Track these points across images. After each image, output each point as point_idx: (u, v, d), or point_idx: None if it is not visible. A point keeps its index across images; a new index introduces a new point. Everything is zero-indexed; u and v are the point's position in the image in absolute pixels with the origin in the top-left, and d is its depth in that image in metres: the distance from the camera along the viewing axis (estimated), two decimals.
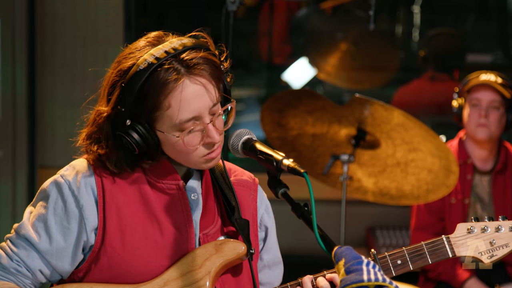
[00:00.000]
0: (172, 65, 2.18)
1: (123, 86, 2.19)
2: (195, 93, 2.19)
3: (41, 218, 2.27)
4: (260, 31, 6.89)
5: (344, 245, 2.02)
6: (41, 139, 5.64)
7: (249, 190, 2.44)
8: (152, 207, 2.28)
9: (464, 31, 6.98)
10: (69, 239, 2.25)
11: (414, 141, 3.93)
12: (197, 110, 2.20)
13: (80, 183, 2.26)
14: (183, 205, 2.30)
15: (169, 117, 2.19)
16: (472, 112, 4.33)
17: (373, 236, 5.63)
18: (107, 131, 2.24)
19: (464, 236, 2.45)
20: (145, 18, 6.64)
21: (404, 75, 6.62)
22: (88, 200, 2.25)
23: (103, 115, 2.23)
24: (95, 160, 2.29)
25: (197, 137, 2.22)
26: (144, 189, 2.28)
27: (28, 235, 2.26)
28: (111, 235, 2.25)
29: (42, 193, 2.31)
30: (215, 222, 2.35)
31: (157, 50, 2.19)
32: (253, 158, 2.21)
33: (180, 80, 2.17)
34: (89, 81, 5.51)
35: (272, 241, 2.52)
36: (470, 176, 4.41)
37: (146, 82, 2.17)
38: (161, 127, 2.21)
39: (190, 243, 2.29)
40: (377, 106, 3.86)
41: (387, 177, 4.07)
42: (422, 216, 4.42)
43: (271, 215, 2.51)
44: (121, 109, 2.19)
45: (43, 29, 5.59)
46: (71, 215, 2.25)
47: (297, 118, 4.05)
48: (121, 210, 2.26)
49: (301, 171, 2.08)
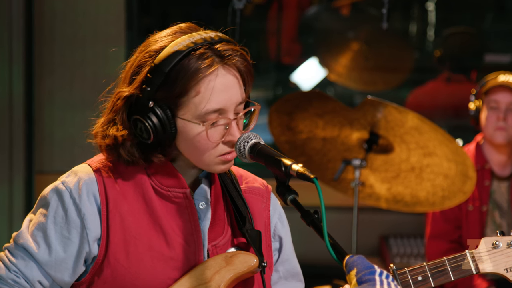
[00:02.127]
0: (208, 52, 2.19)
1: (154, 65, 2.18)
2: (227, 84, 2.20)
3: (40, 227, 2.25)
4: (269, 29, 6.89)
5: (356, 254, 2.02)
6: (39, 143, 5.65)
7: (261, 198, 2.42)
8: (158, 216, 2.26)
9: (482, 30, 6.98)
10: (69, 250, 2.24)
11: (430, 145, 3.93)
12: (225, 103, 2.19)
13: (82, 191, 2.24)
14: (191, 214, 2.28)
15: (195, 105, 2.18)
16: (490, 114, 4.33)
17: (386, 245, 5.62)
18: (123, 114, 2.22)
19: (489, 252, 2.42)
20: (148, 17, 6.65)
21: (418, 76, 6.62)
22: (90, 209, 2.23)
23: (124, 95, 2.21)
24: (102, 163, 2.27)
25: (219, 132, 2.21)
26: (149, 197, 2.27)
27: (27, 245, 2.24)
28: (114, 246, 2.23)
29: (42, 200, 2.29)
30: (225, 233, 2.33)
31: (193, 36, 2.20)
32: (261, 163, 2.19)
33: (214, 67, 2.18)
34: (89, 83, 5.53)
35: (288, 252, 2.49)
36: (488, 182, 4.40)
37: (178, 64, 2.17)
38: (184, 115, 2.20)
39: (198, 255, 2.27)
40: (390, 108, 3.86)
41: (401, 183, 4.07)
42: (438, 224, 4.41)
43: (285, 224, 2.49)
44: (146, 89, 2.18)
45: (42, 28, 5.61)
46: (72, 224, 2.23)
47: (307, 121, 4.05)
48: (125, 219, 2.24)
49: (311, 177, 2.07)
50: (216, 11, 6.85)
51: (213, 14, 6.90)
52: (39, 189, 5.66)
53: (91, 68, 5.58)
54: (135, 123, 2.21)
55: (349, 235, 4.10)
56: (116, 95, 2.25)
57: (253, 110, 2.30)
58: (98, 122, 2.30)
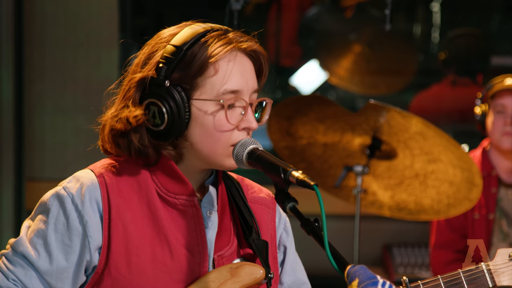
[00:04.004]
0: (226, 36, 2.23)
1: (171, 44, 2.20)
2: (245, 68, 2.23)
3: (40, 234, 2.23)
4: (268, 30, 6.90)
5: (358, 264, 2.02)
6: (29, 149, 5.65)
7: (267, 208, 2.43)
8: (162, 225, 2.25)
9: (489, 31, 6.99)
10: (71, 259, 2.22)
11: (434, 151, 3.94)
12: (242, 85, 2.22)
13: (84, 197, 2.22)
14: (197, 223, 2.27)
15: (212, 84, 2.20)
16: (496, 119, 4.33)
17: (389, 255, 5.62)
18: (136, 97, 2.23)
19: (505, 264, 2.42)
20: (142, 18, 6.66)
21: (422, 79, 6.63)
22: (92, 216, 2.22)
23: (136, 78, 2.22)
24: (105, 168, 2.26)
25: (235, 116, 2.23)
26: (154, 205, 2.26)
27: (26, 252, 2.22)
28: (116, 256, 2.22)
29: (41, 206, 2.27)
30: (231, 243, 2.33)
31: (208, 24, 2.25)
32: (259, 169, 2.19)
33: (233, 48, 2.22)
34: (81, 87, 5.54)
35: (292, 262, 2.49)
36: (495, 189, 4.41)
37: (196, 43, 2.20)
38: (200, 95, 2.21)
39: (203, 265, 2.26)
40: (393, 113, 3.87)
41: (404, 190, 4.07)
42: (443, 233, 4.42)
43: (290, 233, 2.49)
44: (162, 68, 2.18)
45: (32, 29, 5.62)
46: (73, 232, 2.22)
47: (307, 126, 4.06)
48: (127, 228, 2.23)
49: (311, 184, 2.07)
50: (213, 11, 6.85)
51: (210, 15, 6.90)
52: (29, 196, 5.68)
53: (84, 72, 5.59)
54: (148, 107, 2.21)
55: (350, 244, 4.10)
56: (128, 83, 2.25)
57: (265, 104, 2.31)
58: (107, 112, 2.29)
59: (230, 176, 2.40)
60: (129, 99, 2.24)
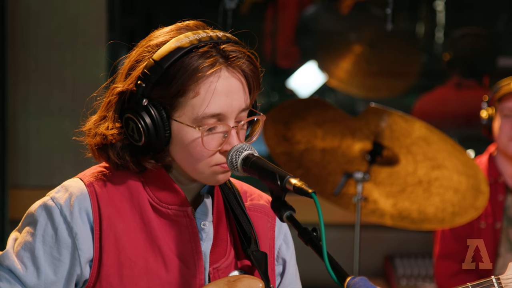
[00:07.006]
0: (212, 51, 2.19)
1: (152, 60, 2.19)
2: (229, 88, 2.20)
3: (27, 247, 2.23)
4: (265, 30, 6.90)
5: (358, 276, 2.03)
6: (13, 155, 5.65)
7: (266, 217, 2.42)
8: (155, 236, 2.25)
9: (495, 31, 7.00)
10: (60, 272, 2.22)
11: (438, 157, 3.94)
12: (225, 108, 2.20)
13: (73, 208, 2.22)
14: (191, 234, 2.27)
15: (193, 107, 2.18)
16: (503, 123, 4.34)
17: (391, 265, 5.63)
18: (115, 112, 2.22)
19: None
20: (131, 17, 6.67)
21: (426, 81, 6.64)
22: (82, 228, 2.21)
23: (117, 90, 2.21)
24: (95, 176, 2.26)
25: (216, 140, 2.21)
26: (146, 215, 2.25)
27: (13, 266, 2.21)
28: (108, 269, 2.22)
29: (29, 217, 2.26)
30: (228, 254, 2.33)
31: (198, 33, 2.21)
32: (255, 176, 2.18)
33: (217, 68, 2.18)
34: (67, 89, 5.54)
35: (291, 276, 2.49)
36: (502, 197, 4.42)
37: (178, 61, 2.18)
38: (179, 117, 2.20)
39: (198, 278, 2.26)
40: (395, 117, 3.87)
41: (407, 198, 4.08)
42: (448, 243, 4.42)
43: (290, 245, 2.48)
44: (141, 85, 2.18)
45: (15, 29, 5.62)
46: (62, 244, 2.21)
47: (305, 130, 4.07)
48: (120, 239, 2.23)
49: (309, 191, 2.06)
50: (206, 10, 6.86)
51: (202, 14, 6.90)
52: (12, 205, 5.67)
53: (70, 73, 5.59)
54: (127, 122, 2.21)
55: (351, 254, 4.11)
56: (110, 91, 2.25)
57: (257, 119, 2.30)
58: (90, 119, 2.30)
59: (228, 182, 2.40)
60: (109, 110, 2.24)
